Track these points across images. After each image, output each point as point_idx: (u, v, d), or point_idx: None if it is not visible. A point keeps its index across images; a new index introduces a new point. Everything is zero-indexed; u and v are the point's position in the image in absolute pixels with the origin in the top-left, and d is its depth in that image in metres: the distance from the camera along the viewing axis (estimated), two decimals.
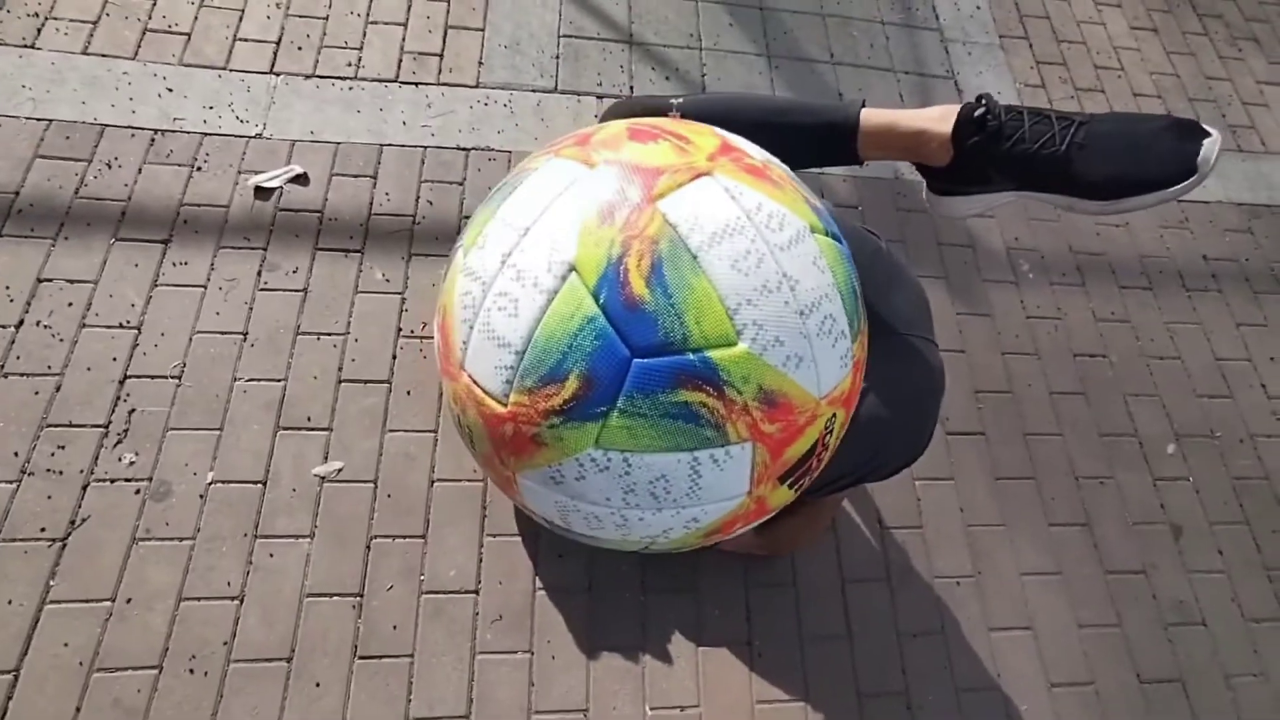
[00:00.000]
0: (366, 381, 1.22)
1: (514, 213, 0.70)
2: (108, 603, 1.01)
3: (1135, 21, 2.07)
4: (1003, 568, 1.27)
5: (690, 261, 0.63)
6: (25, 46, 1.39)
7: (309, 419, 1.18)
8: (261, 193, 1.36)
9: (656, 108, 0.88)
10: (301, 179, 1.39)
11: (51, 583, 1.01)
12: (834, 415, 0.71)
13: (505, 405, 0.68)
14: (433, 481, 1.17)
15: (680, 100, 0.87)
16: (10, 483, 1.05)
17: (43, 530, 1.03)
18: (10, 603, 0.98)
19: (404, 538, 1.13)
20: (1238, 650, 1.27)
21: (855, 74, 1.80)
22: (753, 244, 0.65)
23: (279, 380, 1.21)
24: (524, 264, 0.66)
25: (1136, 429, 1.46)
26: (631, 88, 1.64)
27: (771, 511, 0.80)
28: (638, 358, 0.62)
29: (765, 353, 0.64)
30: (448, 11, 1.65)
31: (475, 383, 0.70)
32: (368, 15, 1.61)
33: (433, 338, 0.95)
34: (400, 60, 1.57)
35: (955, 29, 1.95)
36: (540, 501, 0.76)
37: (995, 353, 1.49)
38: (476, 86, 1.57)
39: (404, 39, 1.60)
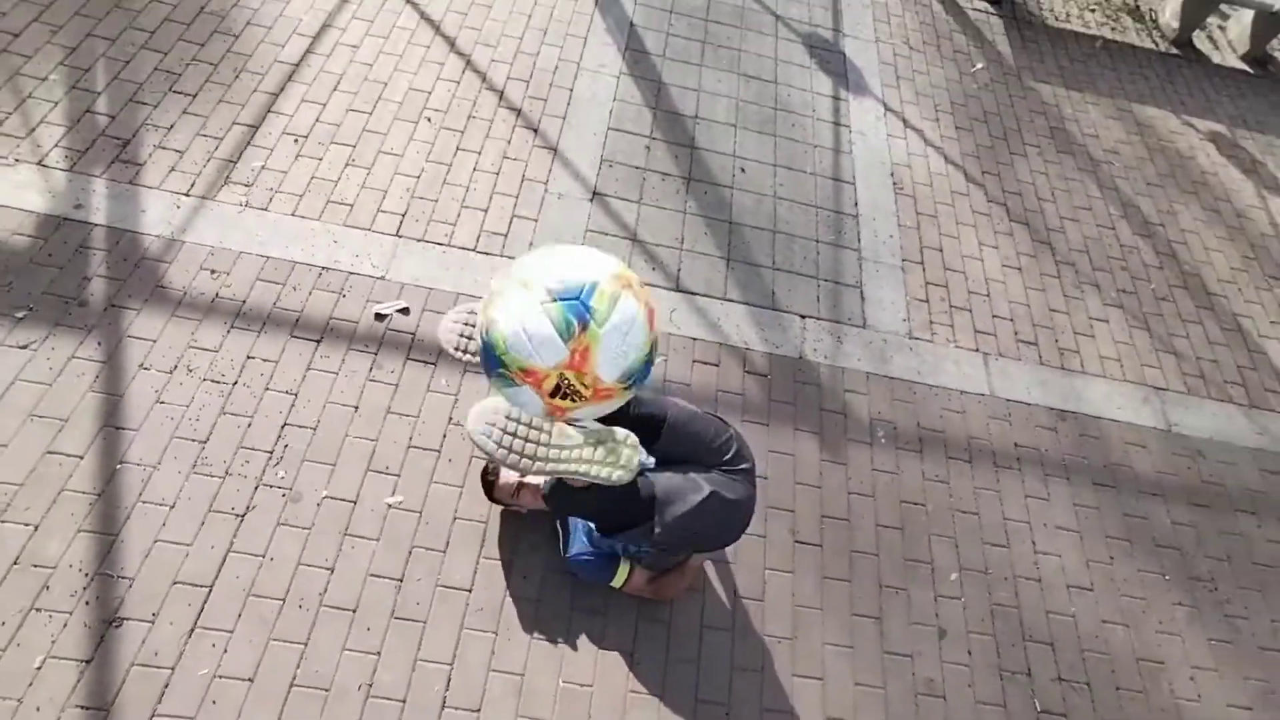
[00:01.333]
0: (426, 449, 1.96)
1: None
2: (260, 557, 1.73)
3: (1006, 261, 2.85)
4: (812, 636, 1.91)
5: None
6: (262, 209, 2.26)
7: (387, 467, 1.92)
8: (379, 317, 2.16)
9: None
10: (405, 311, 2.18)
11: (233, 540, 1.73)
12: (562, 374, 1.19)
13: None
14: (455, 518, 1.88)
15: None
16: (218, 478, 1.80)
17: (233, 509, 1.77)
18: (213, 547, 1.71)
19: (431, 550, 1.83)
20: (965, 719, 1.87)
21: (788, 278, 2.59)
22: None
23: (372, 440, 1.95)
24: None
25: (932, 559, 2.10)
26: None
27: (561, 408, 1.24)
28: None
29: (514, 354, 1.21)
30: (515, 206, 2.50)
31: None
32: (463, 201, 2.47)
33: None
34: (479, 236, 2.40)
35: (870, 251, 2.74)
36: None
37: (844, 492, 2.17)
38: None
39: (483, 222, 2.44)
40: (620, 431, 1.34)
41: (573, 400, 1.19)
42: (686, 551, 1.59)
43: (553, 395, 1.18)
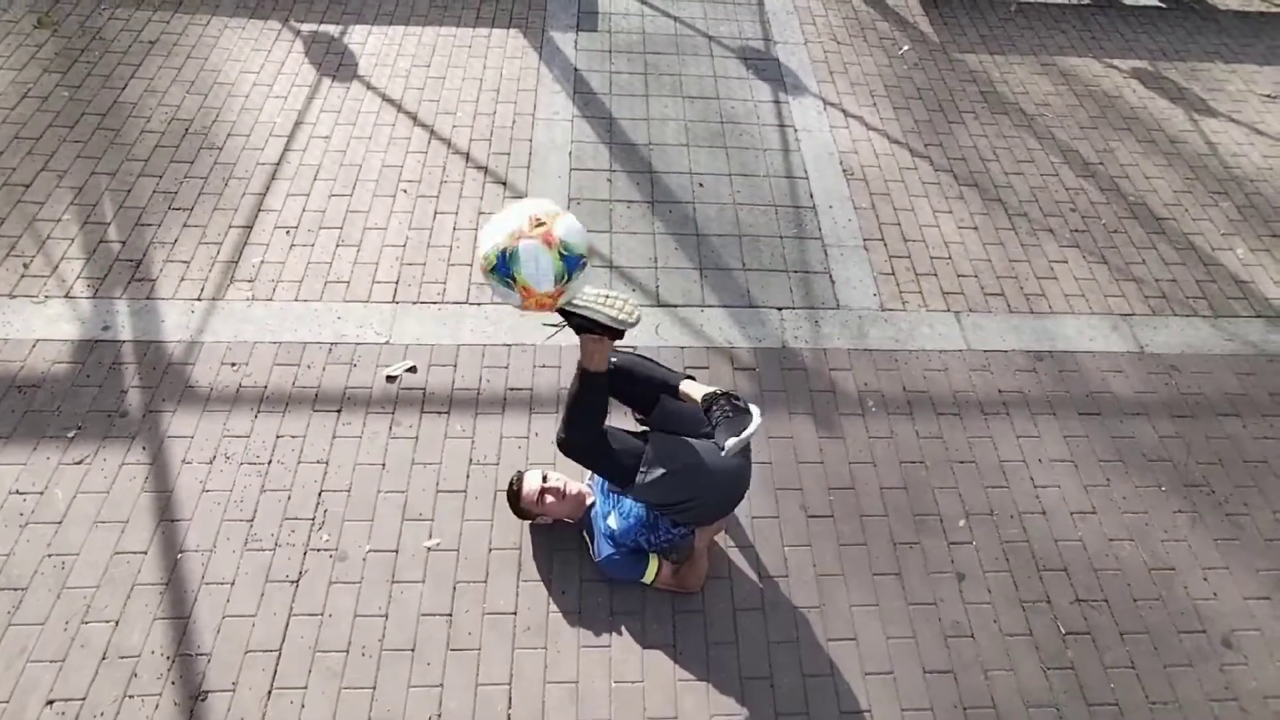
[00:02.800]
0: (453, 491, 2.12)
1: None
2: (319, 615, 1.88)
3: (961, 223, 3.01)
4: (839, 601, 2.03)
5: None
6: (267, 300, 2.45)
7: (420, 514, 2.07)
8: (390, 379, 2.33)
9: None
10: (413, 369, 2.36)
11: (293, 604, 1.88)
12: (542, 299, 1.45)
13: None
14: (490, 549, 2.03)
15: (614, 360, 1.79)
16: (269, 550, 1.96)
17: (287, 576, 1.92)
18: (275, 614, 1.86)
19: (474, 582, 1.97)
20: (995, 654, 1.98)
21: (759, 276, 2.76)
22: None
23: (403, 492, 2.11)
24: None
25: (939, 510, 2.23)
26: None
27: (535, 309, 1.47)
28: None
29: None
30: None
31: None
32: (449, 260, 2.66)
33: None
34: (469, 289, 2.59)
35: (832, 237, 2.92)
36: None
37: (845, 463, 2.31)
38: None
39: (471, 275, 2.63)
40: (625, 292, 1.66)
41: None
42: (686, 517, 1.75)
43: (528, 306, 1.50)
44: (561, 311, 1.57)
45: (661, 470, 1.71)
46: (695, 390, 1.78)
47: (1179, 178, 3.27)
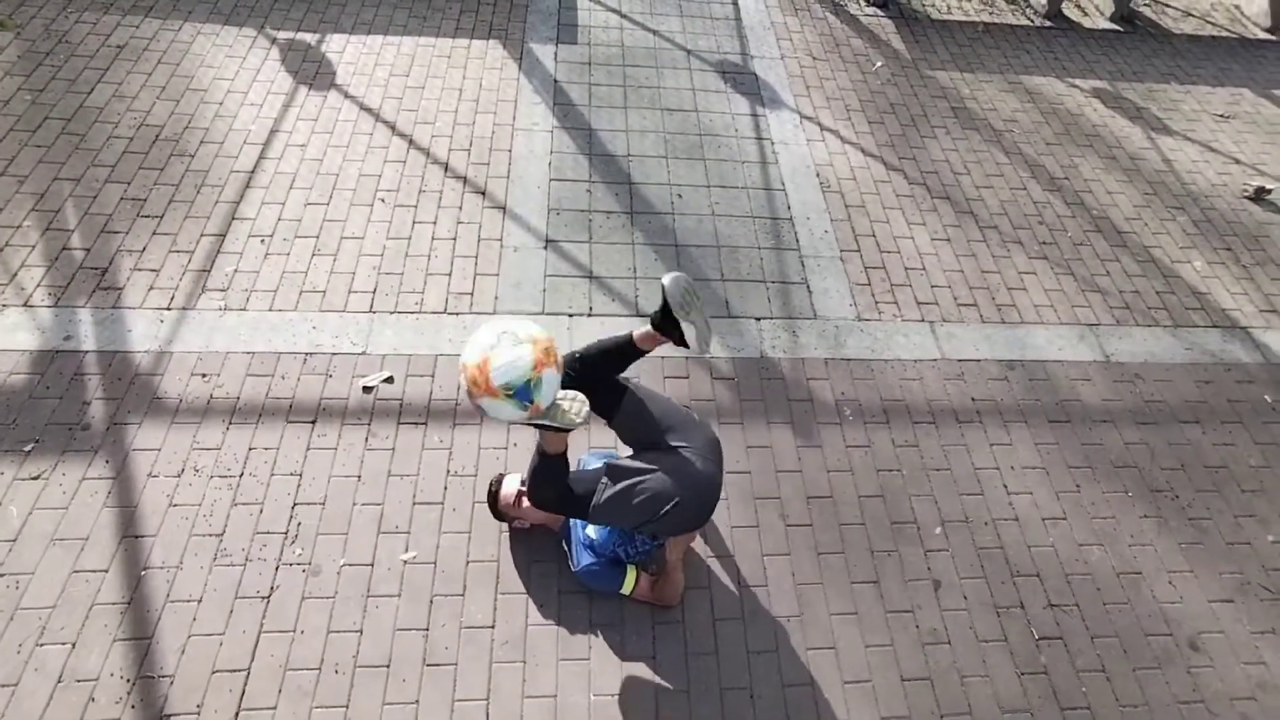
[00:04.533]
0: (430, 503, 2.09)
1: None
2: (290, 632, 1.82)
3: (935, 235, 3.08)
4: (818, 609, 2.04)
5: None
6: (240, 309, 2.40)
7: (397, 526, 2.03)
8: (366, 390, 2.30)
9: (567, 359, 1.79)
10: (390, 380, 2.33)
11: (263, 621, 1.83)
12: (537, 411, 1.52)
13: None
14: (468, 562, 2.00)
15: (577, 353, 1.79)
16: (239, 565, 1.90)
17: (258, 592, 1.87)
18: (244, 632, 1.80)
19: (451, 595, 1.94)
20: (971, 660, 2.00)
21: (737, 286, 2.78)
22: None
23: (379, 504, 2.07)
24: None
25: (916, 518, 2.26)
26: (591, 307, 2.61)
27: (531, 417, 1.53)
28: None
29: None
30: (476, 265, 2.67)
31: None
32: (427, 270, 2.64)
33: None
34: (447, 299, 2.57)
35: (810, 248, 2.96)
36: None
37: (823, 471, 2.33)
38: (494, 313, 2.55)
39: (449, 285, 2.61)
40: (571, 392, 1.62)
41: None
42: (654, 530, 1.74)
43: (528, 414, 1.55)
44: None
45: (610, 504, 1.72)
46: (646, 329, 1.79)
47: (1139, 193, 3.39)
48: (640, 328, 1.81)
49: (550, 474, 1.72)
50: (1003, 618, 2.08)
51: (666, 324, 1.73)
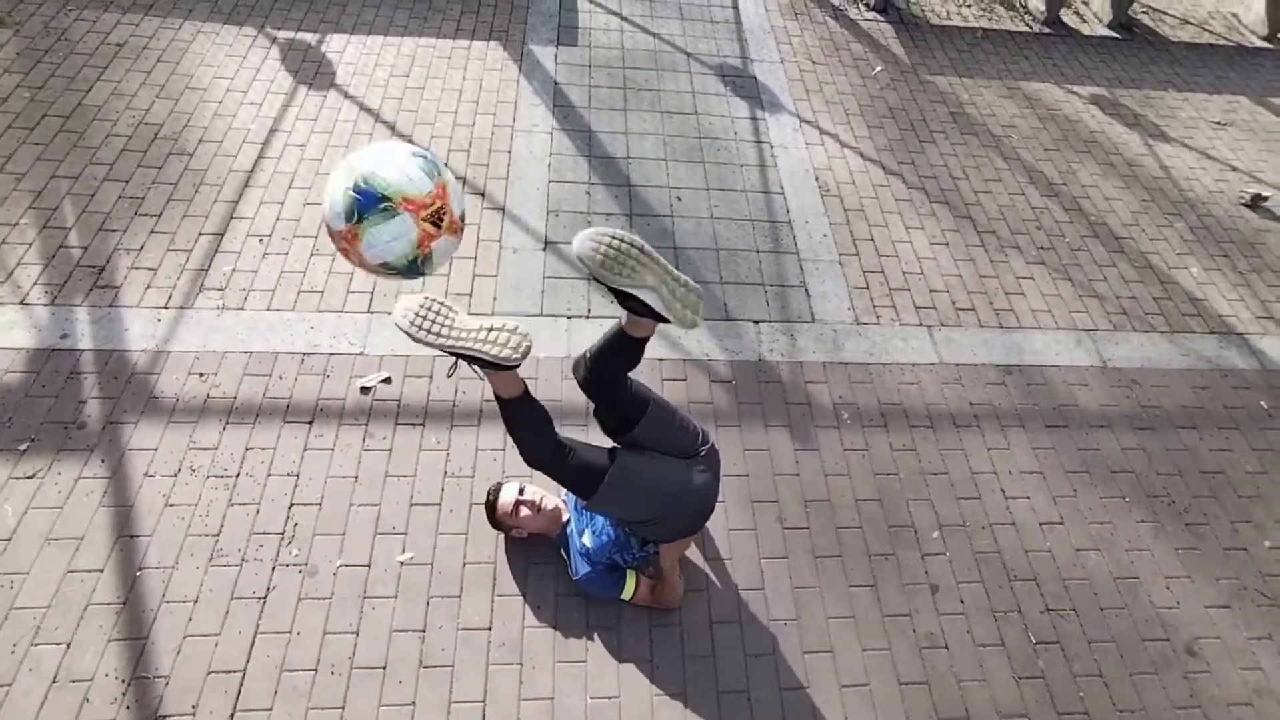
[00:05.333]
0: (427, 504, 2.08)
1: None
2: (286, 633, 1.82)
3: (933, 239, 3.09)
4: (815, 613, 2.04)
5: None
6: (238, 309, 2.40)
7: (394, 527, 2.03)
8: (364, 390, 2.29)
9: (576, 364, 1.70)
10: (388, 380, 2.32)
11: (259, 622, 1.82)
12: (435, 201, 1.21)
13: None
14: (465, 564, 1.99)
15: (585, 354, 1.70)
16: (235, 566, 1.89)
17: (254, 593, 1.86)
18: (240, 632, 1.79)
19: (448, 597, 1.93)
20: (969, 665, 2.00)
21: (736, 289, 2.78)
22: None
23: (376, 505, 2.07)
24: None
25: (913, 522, 2.26)
26: (589, 309, 2.61)
27: (430, 234, 1.23)
28: None
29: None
30: (475, 266, 2.67)
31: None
32: None
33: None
34: (446, 299, 2.56)
35: (808, 251, 2.96)
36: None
37: (821, 475, 2.33)
38: (493, 314, 2.54)
39: (448, 285, 2.60)
40: (511, 322, 1.47)
41: (437, 227, 1.28)
42: (652, 533, 1.73)
43: (427, 220, 1.27)
44: (453, 351, 1.47)
45: (622, 485, 1.65)
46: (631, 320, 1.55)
47: (1136, 199, 3.41)
48: (630, 322, 1.56)
49: (522, 430, 1.57)
50: (1000, 622, 2.08)
51: (620, 297, 1.46)
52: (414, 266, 1.28)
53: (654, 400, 1.74)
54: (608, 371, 1.67)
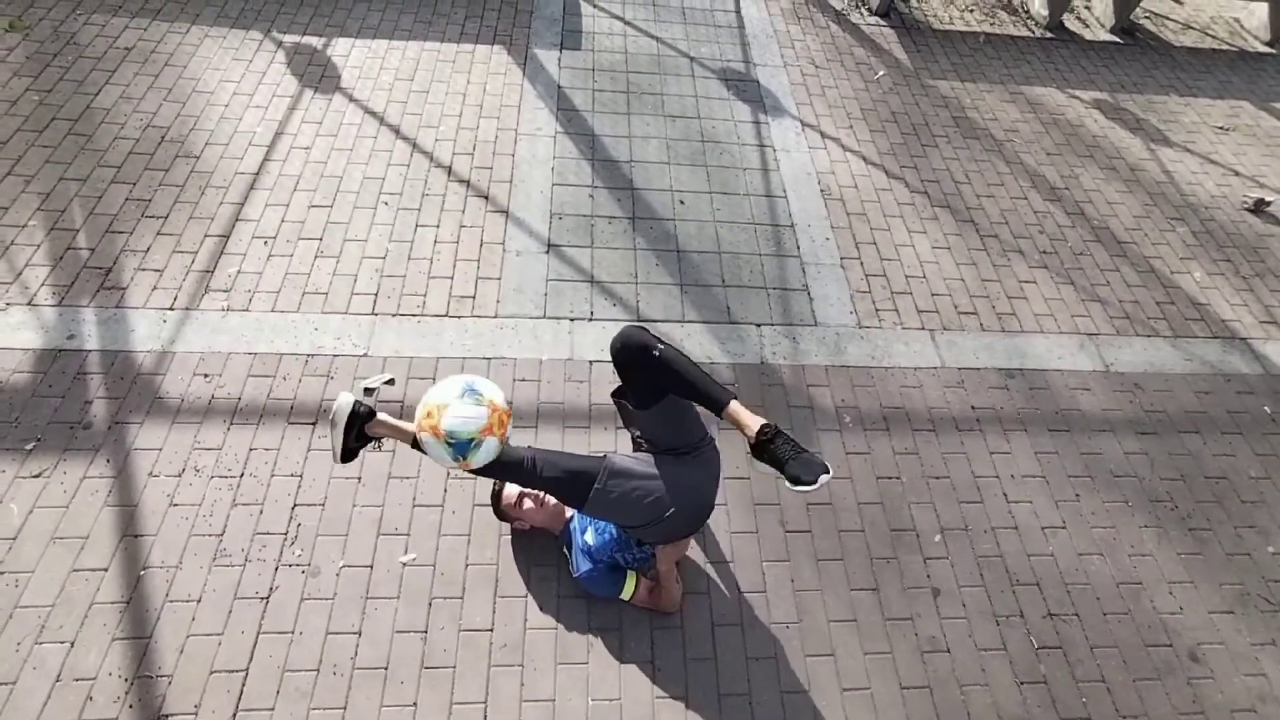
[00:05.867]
0: (430, 506, 2.09)
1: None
2: (289, 633, 1.82)
3: (935, 243, 3.09)
4: (817, 616, 2.04)
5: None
6: (243, 310, 2.41)
7: (396, 528, 2.03)
8: (367, 391, 2.30)
9: (648, 344, 1.66)
10: (391, 382, 2.33)
11: (262, 622, 1.83)
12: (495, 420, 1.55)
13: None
14: (467, 565, 2.00)
15: (662, 348, 1.67)
16: (238, 566, 1.90)
17: (257, 593, 1.87)
18: (243, 632, 1.80)
19: (450, 598, 1.93)
20: (970, 669, 1.99)
21: (739, 293, 2.79)
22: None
23: (379, 506, 2.07)
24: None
25: (915, 525, 2.26)
26: (592, 312, 2.62)
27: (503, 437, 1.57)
28: None
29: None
30: (478, 269, 2.68)
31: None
32: (429, 273, 2.65)
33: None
34: (449, 302, 2.58)
35: (810, 255, 2.97)
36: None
37: None
38: (495, 317, 2.56)
39: (451, 288, 2.61)
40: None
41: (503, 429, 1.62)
42: (648, 536, 1.74)
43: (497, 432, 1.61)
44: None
45: (614, 490, 1.67)
46: (747, 416, 1.62)
47: (1139, 203, 3.41)
48: (738, 408, 1.62)
49: (530, 472, 1.67)
50: (1002, 626, 2.08)
51: (761, 454, 1.57)
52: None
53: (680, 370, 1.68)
54: (669, 385, 1.68)
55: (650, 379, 1.68)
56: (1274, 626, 2.15)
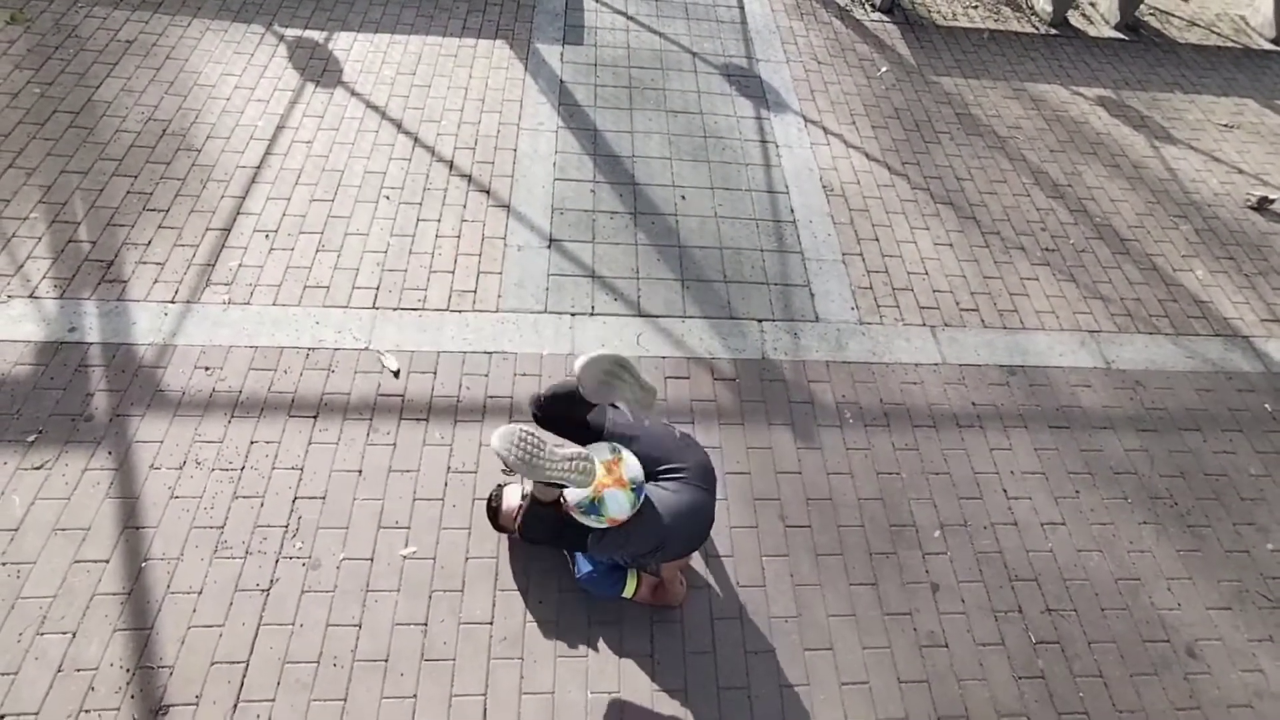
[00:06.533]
0: (430, 499, 2.09)
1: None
2: (290, 625, 1.83)
3: (937, 240, 3.09)
4: (816, 611, 2.04)
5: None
6: (244, 304, 2.41)
7: (397, 521, 2.04)
8: (392, 371, 2.30)
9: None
10: (396, 374, 2.34)
11: (262, 614, 1.83)
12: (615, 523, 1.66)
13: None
14: (467, 558, 2.00)
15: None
16: (239, 558, 1.91)
17: (258, 585, 1.87)
18: (244, 624, 1.81)
19: (450, 591, 1.94)
20: (969, 664, 2.00)
21: (740, 288, 2.79)
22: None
23: (379, 499, 2.08)
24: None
25: (914, 521, 2.26)
26: (593, 307, 2.62)
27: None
28: None
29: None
30: (479, 263, 2.68)
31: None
32: (430, 267, 2.65)
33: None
34: (450, 296, 2.58)
35: (812, 250, 2.97)
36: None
37: (823, 474, 2.33)
38: (497, 311, 2.56)
39: (452, 282, 2.61)
40: (584, 450, 1.70)
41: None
42: (652, 559, 1.77)
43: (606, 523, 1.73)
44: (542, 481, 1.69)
45: (614, 530, 1.75)
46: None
47: (1141, 201, 3.40)
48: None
49: (542, 519, 1.78)
50: (1000, 622, 2.08)
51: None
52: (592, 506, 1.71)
53: (608, 427, 1.86)
54: (566, 412, 1.83)
55: (558, 422, 1.84)
56: (1272, 623, 2.16)
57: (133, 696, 1.71)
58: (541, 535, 1.80)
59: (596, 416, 1.84)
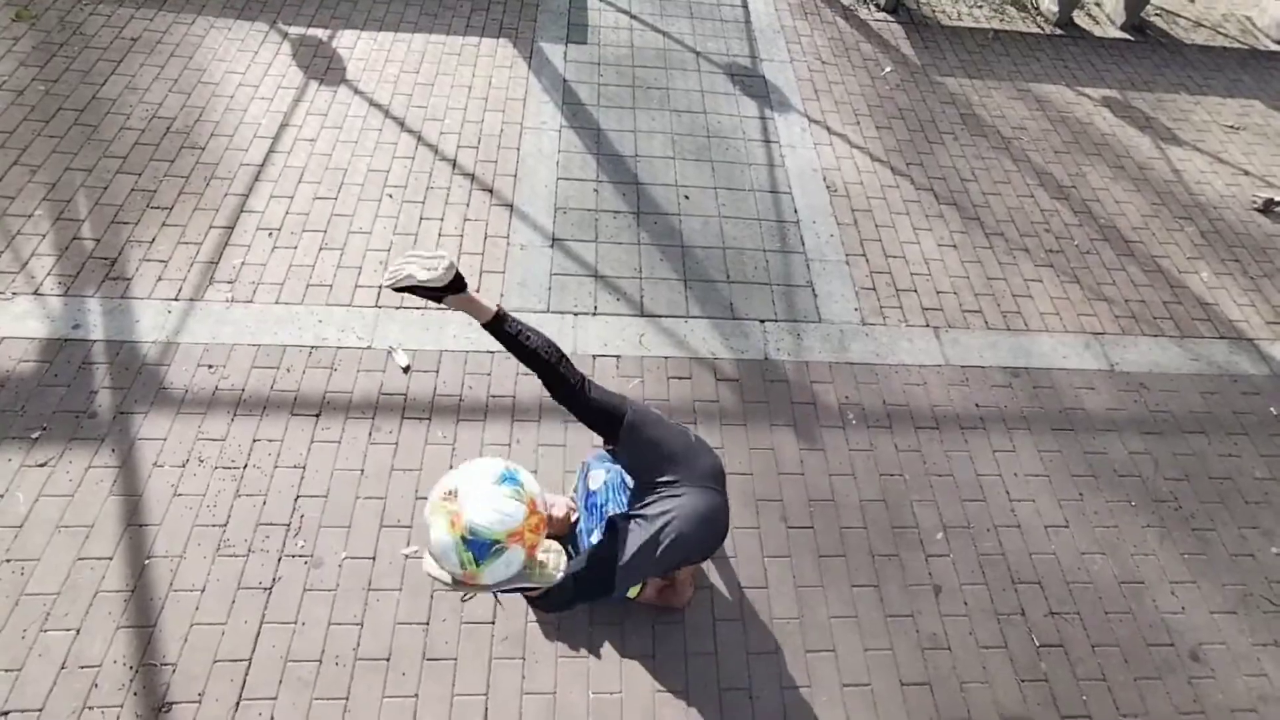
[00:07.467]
0: None
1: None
2: (292, 624, 1.83)
3: (941, 241, 3.08)
4: (818, 612, 2.04)
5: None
6: (247, 302, 2.42)
7: (399, 520, 2.04)
8: (405, 369, 2.30)
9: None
10: (406, 371, 2.33)
11: (265, 612, 1.84)
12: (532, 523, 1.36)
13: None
14: None
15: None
16: (242, 556, 1.91)
17: (260, 583, 1.88)
18: (246, 622, 1.81)
19: (451, 591, 1.94)
20: (971, 666, 1.99)
21: (743, 288, 2.78)
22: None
23: (381, 498, 2.08)
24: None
25: (917, 523, 2.26)
26: (596, 306, 2.62)
27: (536, 544, 1.37)
28: None
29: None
30: (482, 262, 2.68)
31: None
32: None
33: None
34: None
35: (815, 251, 2.96)
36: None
37: (825, 475, 2.32)
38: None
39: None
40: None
41: (537, 533, 1.42)
42: (682, 564, 1.72)
43: (531, 535, 1.40)
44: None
45: (633, 560, 1.56)
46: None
47: (1146, 202, 3.39)
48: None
49: (550, 595, 1.58)
50: (1003, 624, 2.08)
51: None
52: (528, 571, 1.39)
53: (630, 412, 1.68)
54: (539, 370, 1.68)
55: (580, 403, 1.66)
56: (1276, 627, 2.15)
57: (135, 694, 1.71)
58: (561, 604, 1.62)
59: (616, 407, 1.70)
